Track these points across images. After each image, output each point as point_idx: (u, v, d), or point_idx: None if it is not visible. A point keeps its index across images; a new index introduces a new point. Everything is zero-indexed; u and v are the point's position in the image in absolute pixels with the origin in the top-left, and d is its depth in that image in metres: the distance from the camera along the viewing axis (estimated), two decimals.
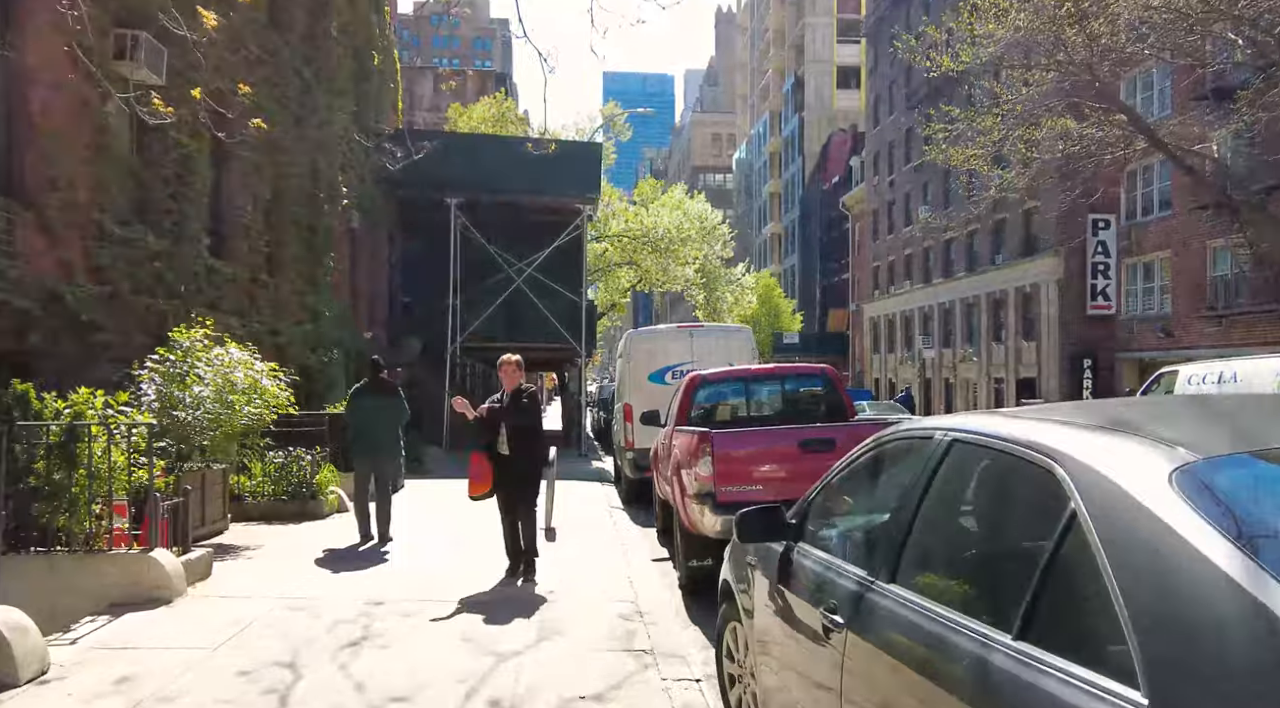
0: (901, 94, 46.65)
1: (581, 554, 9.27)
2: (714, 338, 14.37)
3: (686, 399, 9.09)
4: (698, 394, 9.14)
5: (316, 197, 18.09)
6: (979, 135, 19.83)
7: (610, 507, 13.54)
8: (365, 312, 23.02)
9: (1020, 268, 34.52)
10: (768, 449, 7.24)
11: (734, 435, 7.40)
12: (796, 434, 7.33)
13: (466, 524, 10.87)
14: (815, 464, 7.12)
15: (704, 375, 9.21)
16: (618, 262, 37.74)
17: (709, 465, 7.06)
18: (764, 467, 7.19)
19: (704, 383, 9.18)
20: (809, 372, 9.86)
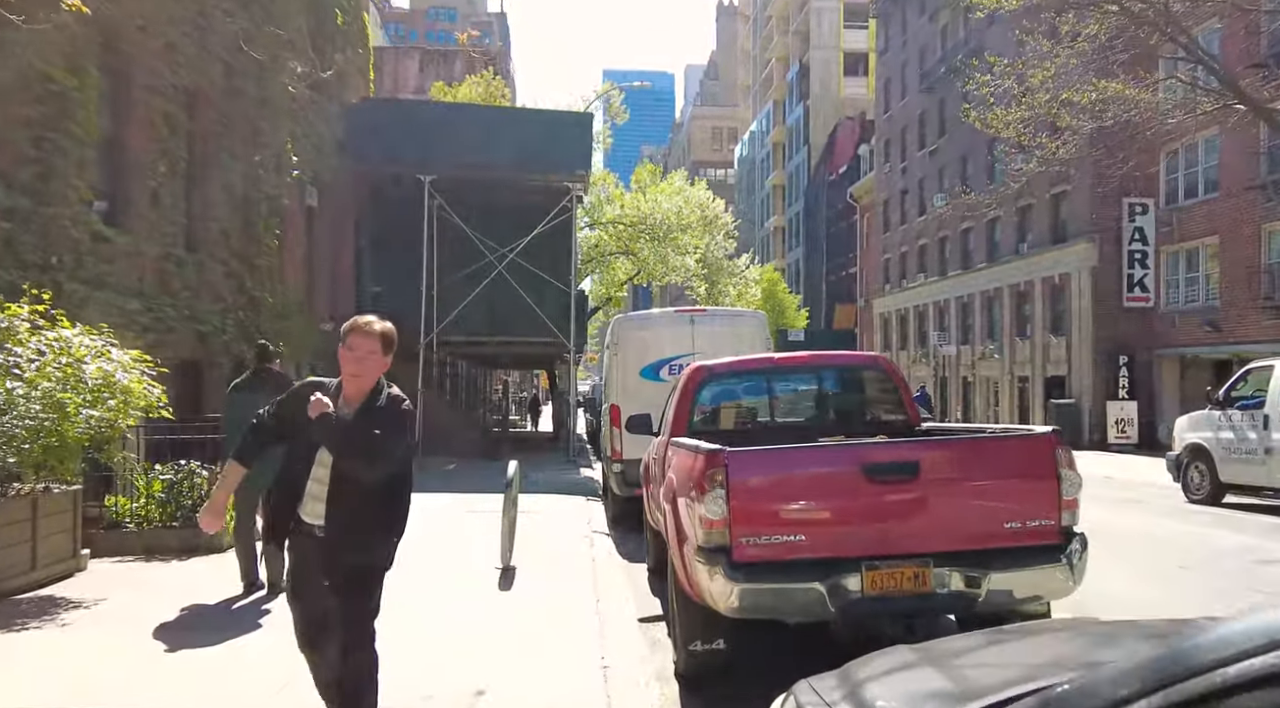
0: (915, 75, 44.08)
1: (537, 615, 6.70)
2: (720, 324, 11.80)
3: (686, 400, 6.53)
4: (702, 393, 6.59)
5: (257, 164, 15.51)
6: (1025, 95, 17.23)
7: (592, 531, 10.98)
8: (325, 301, 20.45)
9: (1048, 257, 31.95)
10: (814, 477, 4.69)
11: (761, 456, 4.83)
12: (857, 454, 4.77)
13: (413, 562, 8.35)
14: (889, 500, 4.58)
15: (710, 367, 6.64)
16: (613, 251, 35.16)
17: (721, 503, 4.51)
18: (808, 505, 4.65)
19: (710, 377, 6.62)
20: (856, 362, 7.26)
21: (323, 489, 3.71)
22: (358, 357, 3.77)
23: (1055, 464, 4.63)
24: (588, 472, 19.81)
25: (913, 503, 4.57)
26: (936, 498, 4.61)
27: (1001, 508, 4.66)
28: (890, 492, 4.57)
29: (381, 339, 3.83)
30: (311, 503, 3.76)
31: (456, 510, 12.44)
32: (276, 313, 16.60)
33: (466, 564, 8.57)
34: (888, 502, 4.57)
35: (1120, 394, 28.96)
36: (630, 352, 11.66)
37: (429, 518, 11.64)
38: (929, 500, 4.60)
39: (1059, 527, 4.63)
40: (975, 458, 4.75)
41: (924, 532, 4.58)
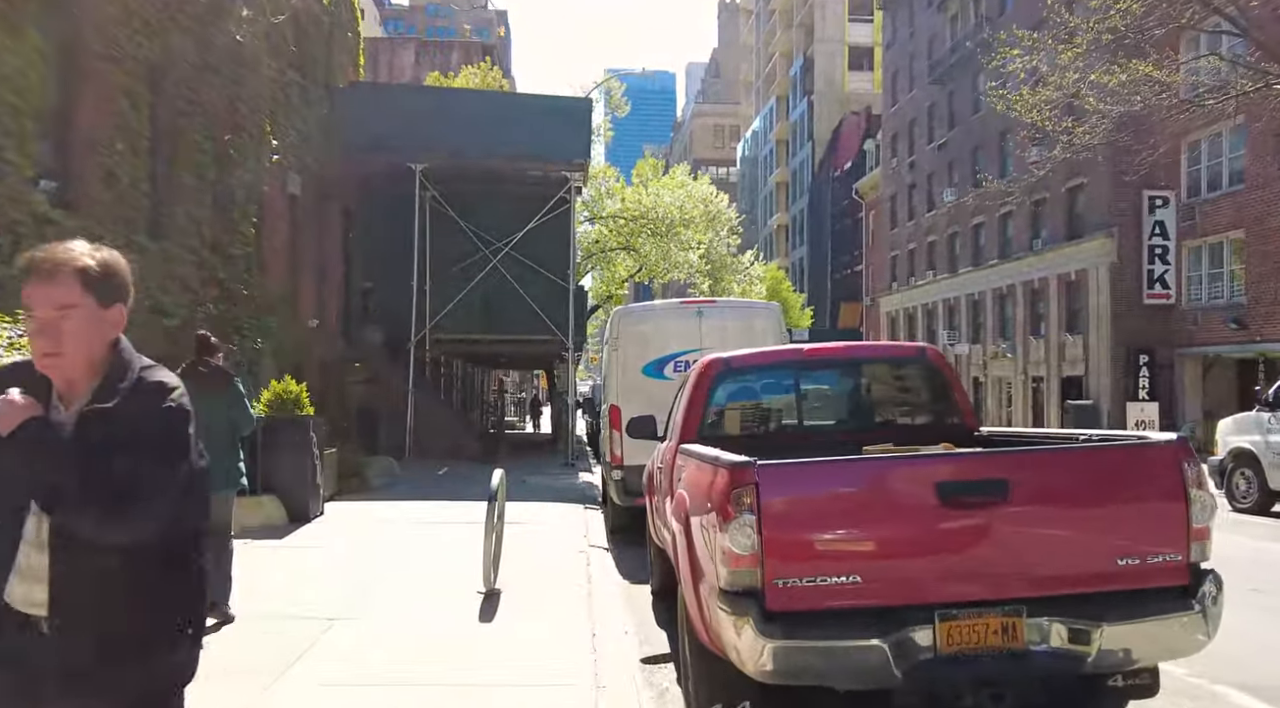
0: (923, 67, 43.02)
1: (521, 654, 5.64)
2: (730, 317, 10.75)
3: (699, 399, 5.48)
4: (717, 391, 5.53)
5: (227, 142, 14.45)
6: (1053, 73, 16.15)
7: (589, 545, 9.92)
8: (311, 296, 19.40)
9: (1064, 253, 30.87)
10: (873, 500, 3.62)
11: (803, 472, 3.75)
12: (928, 469, 3.70)
13: (384, 584, 7.30)
14: (969, 530, 3.52)
15: (727, 361, 5.58)
16: (614, 247, 34.08)
17: (751, 534, 3.45)
18: (865, 536, 3.59)
19: (727, 372, 5.56)
20: (900, 353, 6.16)
21: (41, 558, 2.07)
22: (42, 322, 2.08)
23: (1183, 482, 3.57)
24: (587, 476, 18.76)
25: (1000, 533, 3.51)
26: (1031, 527, 3.56)
27: (1114, 540, 3.60)
28: (971, 518, 3.51)
29: (82, 279, 2.10)
30: (21, 581, 2.08)
31: (441, 521, 11.38)
32: (255, 307, 15.56)
33: (445, 587, 7.52)
34: (968, 531, 3.51)
35: (1140, 395, 27.88)
36: (631, 347, 10.60)
37: (409, 530, 10.59)
38: (1021, 530, 3.54)
39: (1188, 563, 3.58)
40: (1080, 475, 3.69)
41: (1015, 571, 3.52)
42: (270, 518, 10.77)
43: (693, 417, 5.46)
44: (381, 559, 8.78)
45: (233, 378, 6.44)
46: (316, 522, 11.22)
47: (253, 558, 8.93)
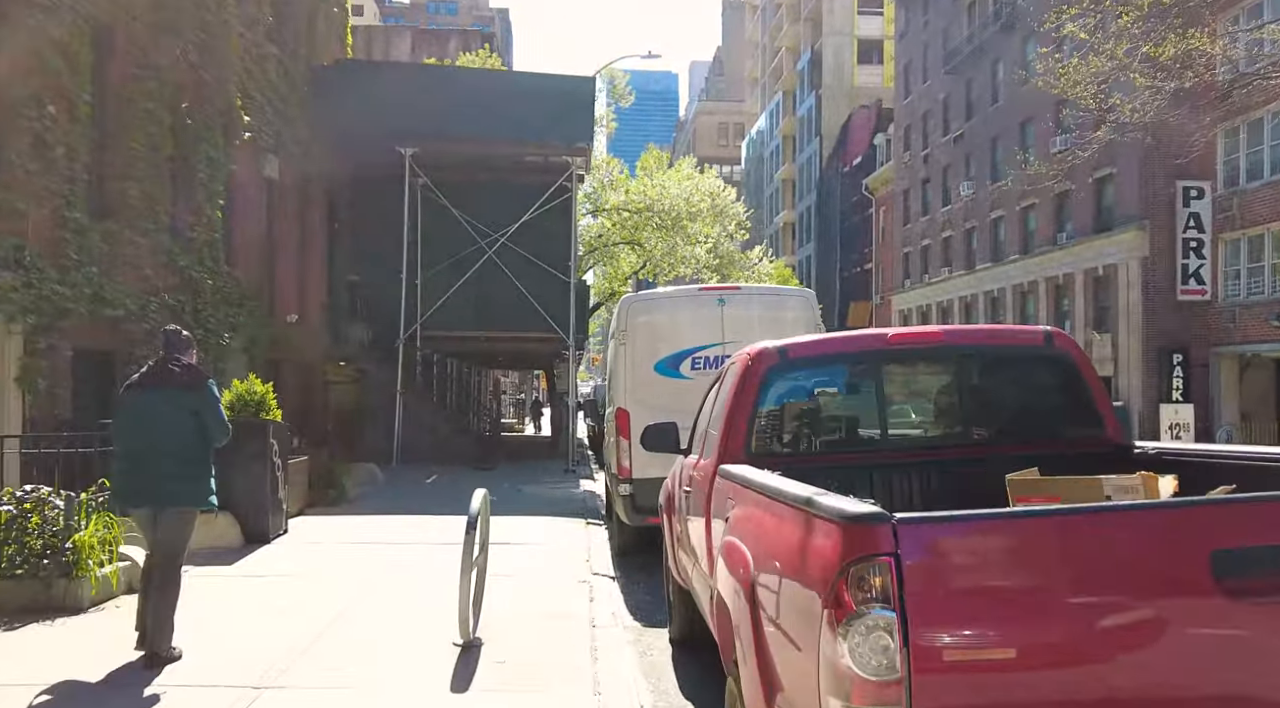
0: (938, 57, 41.50)
1: None
2: (757, 306, 9.24)
3: (745, 401, 3.97)
4: (770, 390, 4.02)
5: (186, 111, 12.95)
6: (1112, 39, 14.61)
7: (592, 573, 8.40)
8: (290, 289, 17.91)
9: (1092, 246, 29.33)
10: (1099, 578, 2.07)
11: (972, 530, 2.19)
12: (1191, 524, 2.15)
13: (337, 632, 5.78)
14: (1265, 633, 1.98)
15: (784, 350, 4.06)
16: (617, 241, 32.57)
17: (887, 644, 1.91)
18: (1086, 640, 2.05)
19: (784, 366, 4.05)
20: (1018, 339, 4.54)
21: None
22: None
23: None
24: (588, 485, 17.24)
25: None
26: None
27: None
28: (1268, 614, 1.99)
29: None
30: None
31: (420, 541, 9.88)
32: (222, 298, 14.07)
33: (413, 637, 6.02)
34: (1263, 638, 1.99)
35: (1174, 397, 26.33)
36: (642, 341, 9.09)
37: (380, 554, 9.06)
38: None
39: None
40: None
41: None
42: (222, 538, 9.28)
43: (736, 426, 3.96)
44: (341, 595, 7.27)
45: (206, 378, 5.59)
46: (277, 542, 9.72)
47: (188, 591, 7.43)
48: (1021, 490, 2.95)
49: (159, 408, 5.34)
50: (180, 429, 5.34)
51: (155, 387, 5.45)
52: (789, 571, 2.36)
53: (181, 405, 5.35)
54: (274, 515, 9.85)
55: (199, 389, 5.45)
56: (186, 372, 5.50)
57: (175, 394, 5.36)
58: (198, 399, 5.42)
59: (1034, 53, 33.46)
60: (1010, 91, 34.78)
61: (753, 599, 2.65)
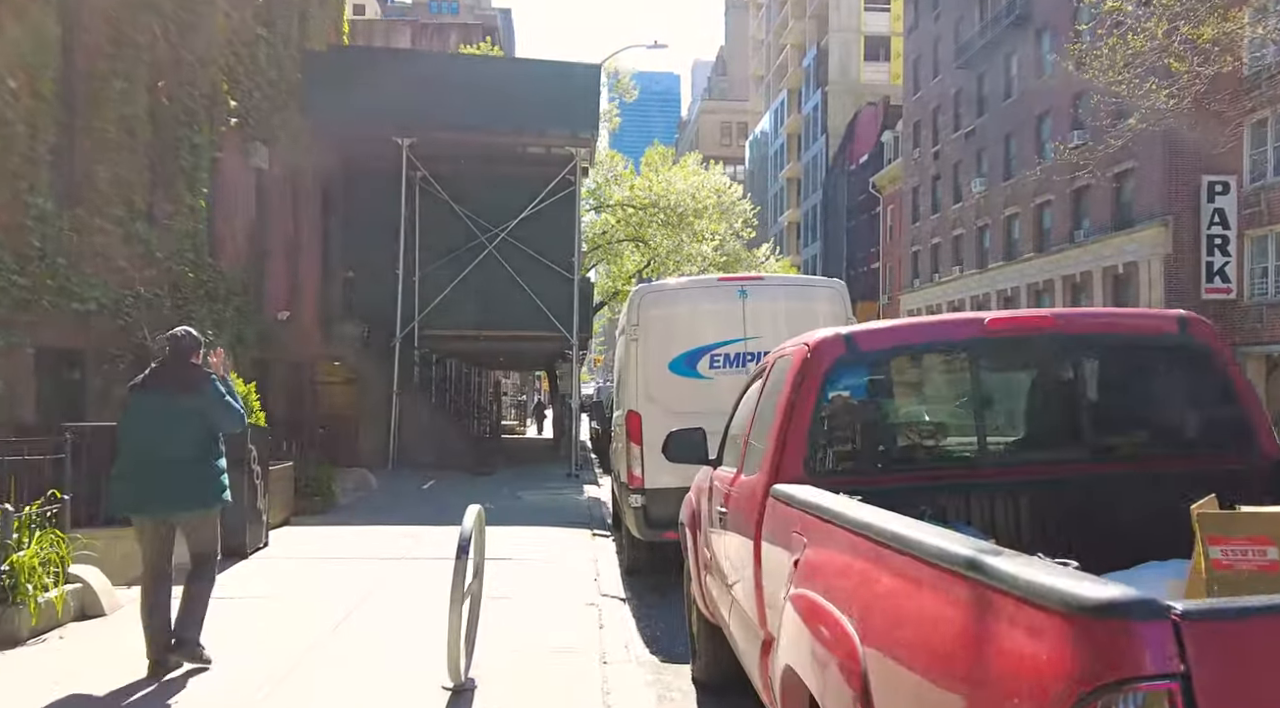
0: (949, 51, 40.64)
1: None
2: (783, 298, 8.39)
3: (804, 404, 3.11)
4: (831, 386, 3.15)
5: (161, 89, 12.12)
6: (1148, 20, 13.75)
7: (600, 594, 7.56)
8: (281, 285, 17.09)
9: (1111, 244, 28.46)
10: None
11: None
12: None
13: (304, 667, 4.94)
14: None
15: (852, 339, 3.21)
16: (622, 238, 31.75)
17: None
18: None
19: (852, 359, 3.19)
20: (1146, 327, 3.62)
21: None
22: None
23: None
24: (593, 490, 16.41)
25: None
26: None
27: None
28: None
29: None
30: None
31: (412, 556, 9.05)
32: (206, 293, 13.25)
33: (395, 677, 5.19)
34: None
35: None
36: (656, 336, 8.24)
37: (366, 571, 8.22)
38: None
39: None
40: None
41: None
42: None
43: (793, 436, 3.12)
44: (317, 624, 6.43)
45: (209, 377, 5.36)
46: (255, 558, 8.89)
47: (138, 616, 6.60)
48: (1214, 528, 2.13)
49: (164, 411, 5.19)
50: (187, 433, 5.21)
51: (160, 389, 5.27)
52: (948, 680, 1.53)
53: (187, 408, 5.21)
54: (252, 528, 9.03)
55: (203, 391, 5.25)
56: (191, 373, 5.31)
57: (180, 397, 5.20)
58: (203, 401, 5.24)
59: (1050, 46, 32.69)
60: (1025, 86, 33.96)
61: (866, 699, 1.79)
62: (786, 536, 2.68)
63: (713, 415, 8.19)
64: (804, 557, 2.40)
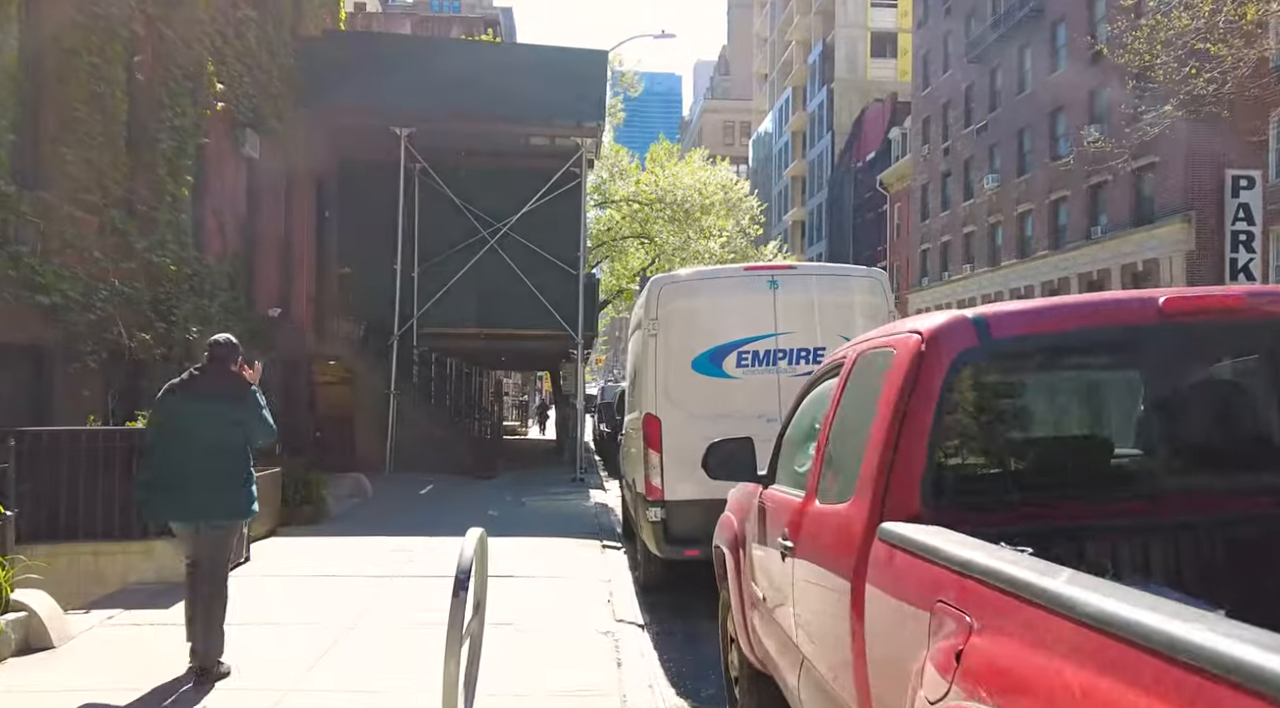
0: (960, 45, 39.83)
1: None
2: (817, 288, 7.57)
3: (921, 409, 2.30)
4: (958, 390, 2.33)
5: (144, 76, 11.33)
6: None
7: (615, 619, 6.75)
8: (272, 280, 16.30)
9: (1131, 240, 27.65)
10: None
11: None
12: None
13: None
14: None
15: (985, 325, 2.40)
16: (627, 235, 30.96)
17: None
18: None
19: (986, 348, 2.38)
20: None
21: None
22: None
23: None
24: (599, 496, 15.60)
25: None
26: None
27: None
28: None
29: None
30: None
31: (409, 571, 8.24)
32: (190, 287, 12.43)
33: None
34: None
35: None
36: (677, 332, 7.42)
37: (354, 591, 7.40)
38: None
39: None
40: None
41: None
42: (165, 571, 7.64)
43: (906, 456, 2.31)
44: (294, 656, 5.63)
45: (250, 387, 5.37)
46: (234, 575, 8.04)
47: (95, 646, 5.81)
48: None
49: (199, 418, 5.14)
50: (221, 441, 5.17)
51: (197, 395, 5.22)
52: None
53: (224, 417, 5.18)
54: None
55: (243, 400, 5.25)
56: (231, 381, 5.29)
57: (218, 406, 5.17)
58: (241, 411, 5.23)
59: (1065, 38, 31.88)
60: (1039, 79, 33.15)
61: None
62: (923, 600, 1.88)
63: (741, 420, 7.38)
64: (975, 648, 1.59)
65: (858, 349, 3.00)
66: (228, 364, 5.32)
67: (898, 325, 2.77)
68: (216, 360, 5.30)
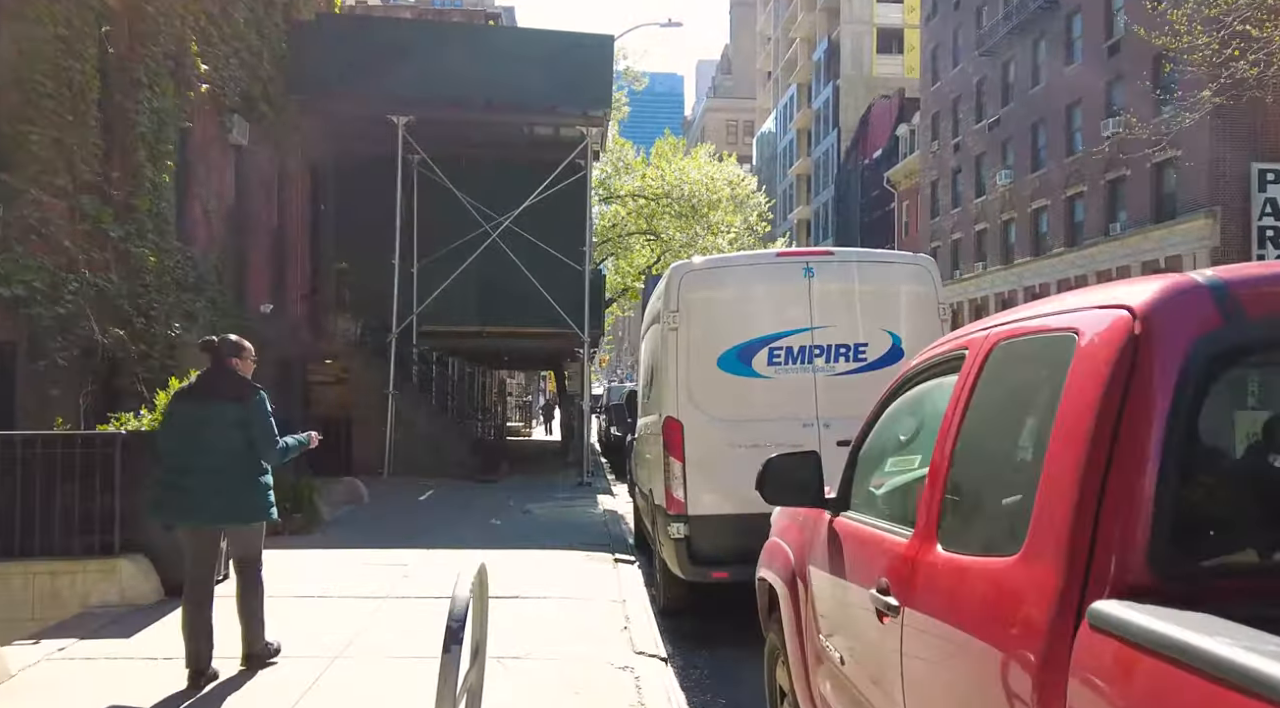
0: (970, 39, 39.03)
1: None
2: (858, 276, 6.74)
3: (1146, 418, 1.56)
4: (1193, 387, 1.55)
5: (125, 56, 10.55)
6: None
7: (634, 651, 5.95)
8: (264, 275, 15.54)
9: (1151, 237, 26.84)
10: None
11: None
12: None
13: None
14: None
15: (1226, 293, 1.65)
16: (632, 231, 30.19)
17: None
18: None
19: (1235, 329, 1.65)
20: None
21: None
22: None
23: None
24: (608, 501, 14.81)
25: None
26: None
27: None
28: None
29: None
30: None
31: (404, 590, 7.45)
32: (172, 281, 11.66)
33: None
34: None
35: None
36: (701, 325, 6.62)
37: (347, 615, 6.61)
38: None
39: None
40: None
41: None
42: (131, 592, 6.88)
43: (1130, 490, 1.53)
44: (262, 703, 4.84)
45: (256, 390, 5.25)
46: None
47: (38, 689, 5.03)
48: None
49: (206, 421, 5.11)
50: (229, 443, 5.10)
51: (202, 398, 5.18)
52: None
53: (230, 419, 5.10)
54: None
55: (247, 402, 5.14)
56: (234, 383, 5.22)
57: (222, 407, 5.11)
58: (246, 412, 5.12)
59: (1081, 29, 31.08)
60: (1054, 72, 32.35)
61: None
62: None
63: (773, 423, 6.62)
64: None
65: (991, 335, 2.21)
66: (226, 363, 5.26)
67: (1065, 300, 1.98)
68: (215, 360, 5.27)
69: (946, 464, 2.19)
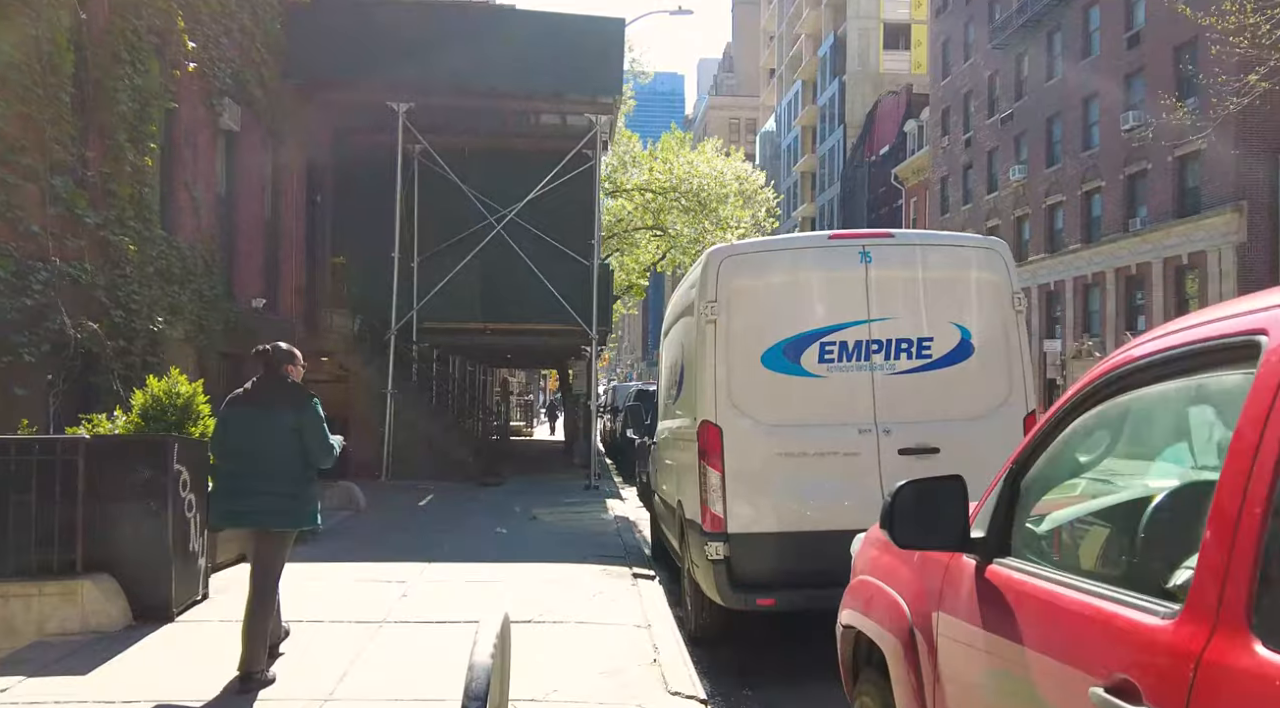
0: (983, 33, 38.26)
1: None
2: (920, 262, 5.93)
3: None
4: None
5: (102, 28, 9.76)
6: None
7: (668, 691, 5.15)
8: (255, 267, 14.74)
9: (1175, 232, 26.07)
10: None
11: None
12: None
13: None
14: None
15: None
16: (639, 226, 29.42)
17: None
18: None
19: None
20: None
21: None
22: None
23: None
24: (618, 507, 14.02)
25: None
26: None
27: None
28: None
29: None
30: None
31: (401, 614, 6.66)
32: (156, 271, 10.87)
33: None
34: None
35: None
36: (742, 317, 5.82)
37: (336, 646, 5.80)
38: None
39: None
40: None
41: None
42: (94, 618, 6.09)
43: None
44: None
45: (310, 397, 5.28)
46: (182, 620, 6.50)
47: None
48: None
49: (259, 427, 5.19)
50: (281, 450, 5.17)
51: (256, 404, 5.27)
52: None
53: (283, 425, 5.17)
54: (182, 576, 6.65)
55: (301, 408, 5.23)
56: (289, 389, 5.33)
57: (277, 413, 5.19)
58: (299, 419, 5.19)
59: (1099, 22, 30.31)
60: (1070, 65, 31.57)
61: None
62: None
63: (826, 429, 5.81)
64: None
65: None
66: (280, 370, 5.35)
67: None
68: (269, 368, 5.33)
69: (1261, 511, 1.41)
